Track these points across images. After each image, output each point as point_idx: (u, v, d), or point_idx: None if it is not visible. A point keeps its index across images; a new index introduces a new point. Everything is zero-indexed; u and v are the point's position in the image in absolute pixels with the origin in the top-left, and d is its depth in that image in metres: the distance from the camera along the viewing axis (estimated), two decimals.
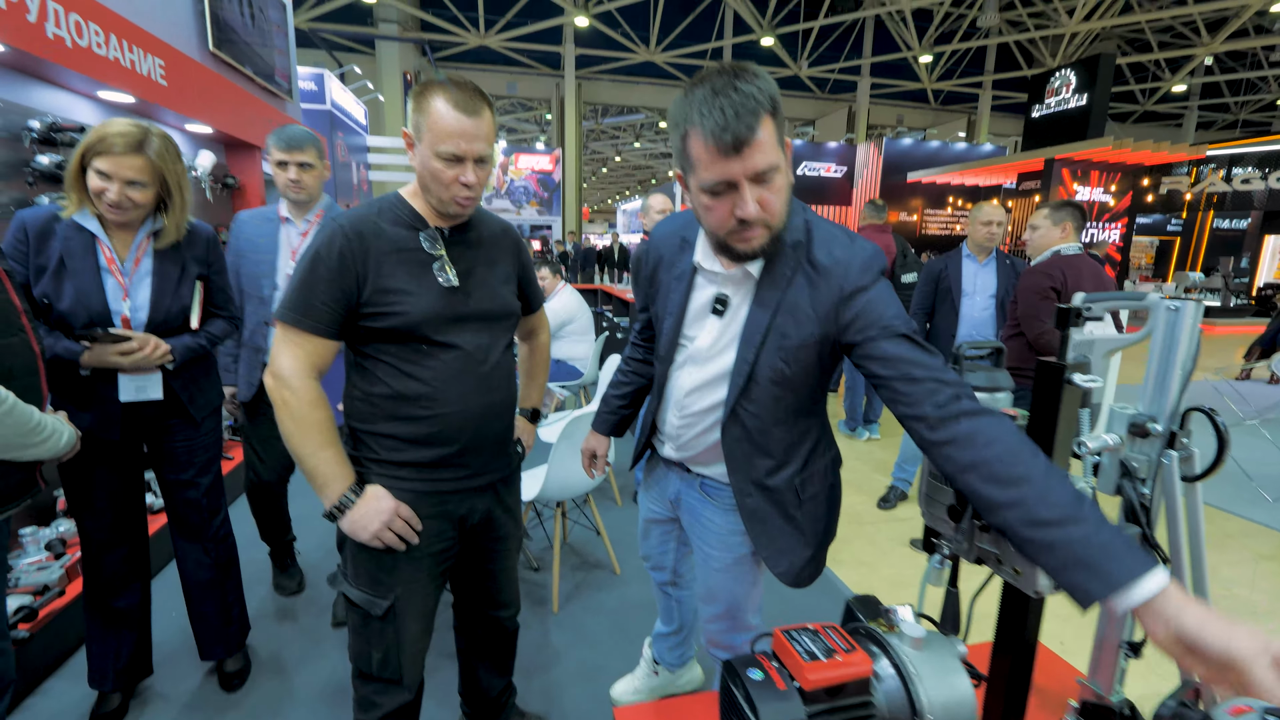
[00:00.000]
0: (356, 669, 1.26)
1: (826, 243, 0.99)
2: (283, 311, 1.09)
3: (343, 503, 1.10)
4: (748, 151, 0.85)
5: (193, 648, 1.82)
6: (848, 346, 0.98)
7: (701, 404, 1.13)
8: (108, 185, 1.38)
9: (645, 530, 1.47)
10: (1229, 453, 1.01)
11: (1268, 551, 2.78)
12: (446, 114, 1.05)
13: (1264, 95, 19.96)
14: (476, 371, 1.19)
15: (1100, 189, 10.67)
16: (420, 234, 1.15)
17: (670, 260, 1.15)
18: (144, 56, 2.77)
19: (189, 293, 1.58)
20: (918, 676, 0.77)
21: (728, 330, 1.07)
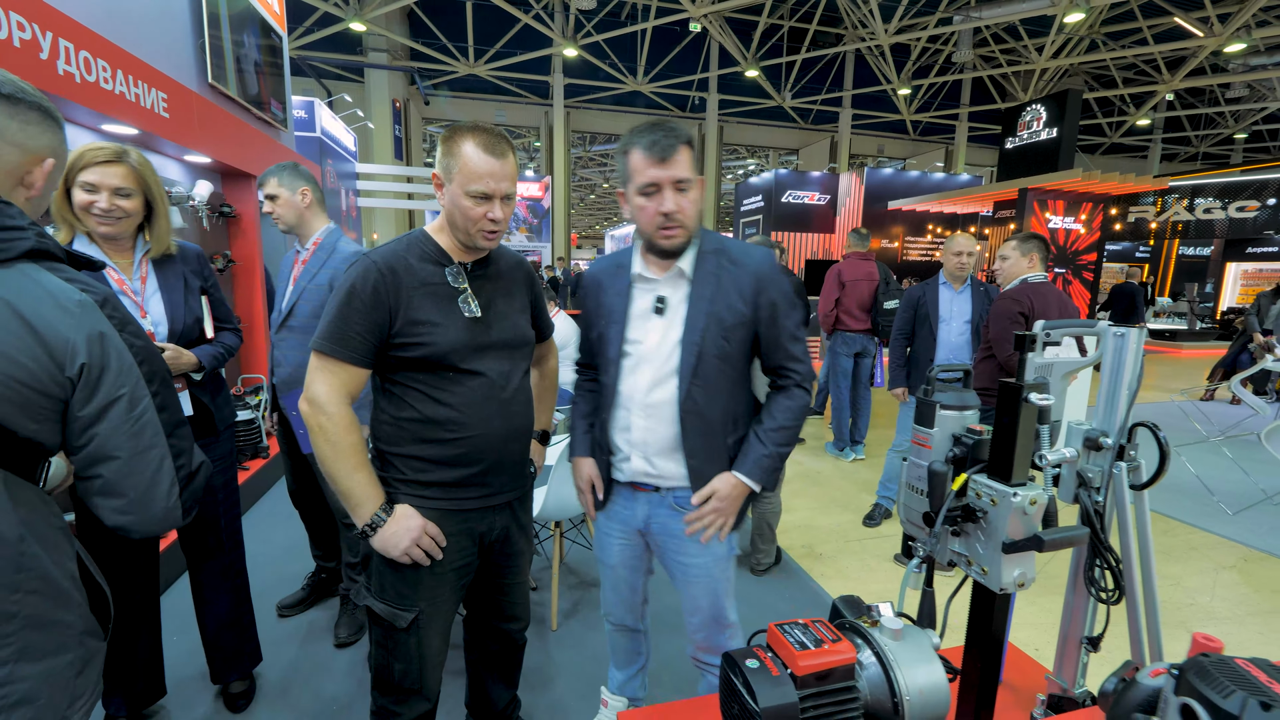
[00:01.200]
0: (377, 680, 1.30)
1: (739, 248, 1.33)
2: (320, 342, 1.16)
3: (375, 521, 1.18)
4: (670, 163, 1.19)
5: (198, 670, 1.84)
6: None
7: (663, 396, 1.29)
8: (96, 196, 1.42)
9: (612, 581, 1.50)
10: (1170, 463, 1.13)
11: (1228, 562, 2.91)
12: (476, 156, 1.15)
13: (1222, 129, 20.93)
14: (499, 397, 1.27)
15: (1071, 218, 11.07)
16: (445, 269, 1.23)
17: (609, 283, 1.37)
18: (148, 90, 2.86)
19: (198, 304, 1.65)
20: (896, 663, 0.86)
21: (671, 326, 1.30)
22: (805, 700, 0.80)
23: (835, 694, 0.82)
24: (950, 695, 0.86)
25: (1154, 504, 3.57)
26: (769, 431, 1.30)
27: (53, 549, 0.77)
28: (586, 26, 15.13)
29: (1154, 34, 15.29)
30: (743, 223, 16.22)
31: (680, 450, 1.30)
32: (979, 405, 1.08)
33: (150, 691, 1.75)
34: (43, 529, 0.76)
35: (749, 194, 15.99)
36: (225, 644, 1.81)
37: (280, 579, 2.54)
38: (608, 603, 1.55)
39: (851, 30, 16.05)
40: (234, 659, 1.83)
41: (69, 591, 0.78)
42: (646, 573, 1.51)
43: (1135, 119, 19.44)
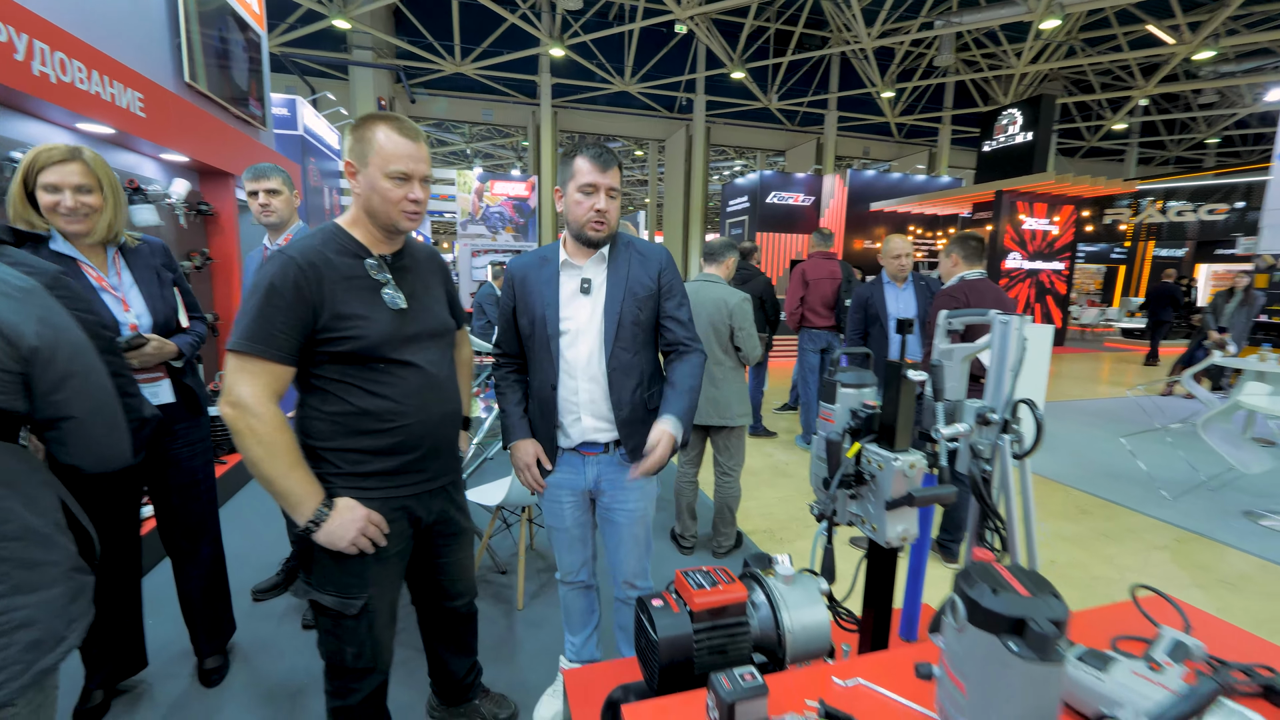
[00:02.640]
0: (330, 666, 1.33)
1: (643, 244, 1.59)
2: (241, 343, 1.12)
3: (317, 517, 1.17)
4: (608, 173, 1.44)
5: (179, 649, 1.95)
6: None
7: (599, 359, 1.50)
8: (60, 195, 1.46)
9: (566, 541, 1.65)
10: (1044, 435, 1.27)
11: (1161, 543, 3.08)
12: (393, 139, 1.19)
13: (1195, 134, 21.40)
14: (431, 384, 1.31)
15: (1045, 220, 11.34)
16: (365, 262, 1.24)
17: (535, 274, 1.55)
18: (123, 90, 2.92)
19: (172, 296, 1.74)
20: (784, 604, 0.98)
21: (597, 302, 1.51)
22: (699, 632, 0.92)
23: (727, 627, 0.94)
24: (830, 631, 0.99)
25: (1102, 491, 3.76)
26: (682, 390, 1.52)
27: (33, 502, 0.87)
28: (574, 26, 15.20)
29: (1128, 41, 15.64)
30: (729, 222, 16.40)
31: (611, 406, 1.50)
32: (874, 383, 1.20)
33: (130, 664, 1.83)
34: (24, 485, 0.87)
35: (735, 194, 16.17)
36: (205, 614, 1.90)
37: (258, 567, 2.62)
38: (565, 564, 1.69)
39: (837, 33, 16.26)
40: (212, 629, 1.92)
41: (52, 536, 0.89)
42: (593, 530, 1.67)
43: (1112, 123, 19.84)
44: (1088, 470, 4.18)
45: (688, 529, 2.87)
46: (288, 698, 1.87)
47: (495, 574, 2.63)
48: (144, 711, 1.80)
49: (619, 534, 1.60)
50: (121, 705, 1.82)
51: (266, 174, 2.12)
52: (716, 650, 0.93)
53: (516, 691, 1.90)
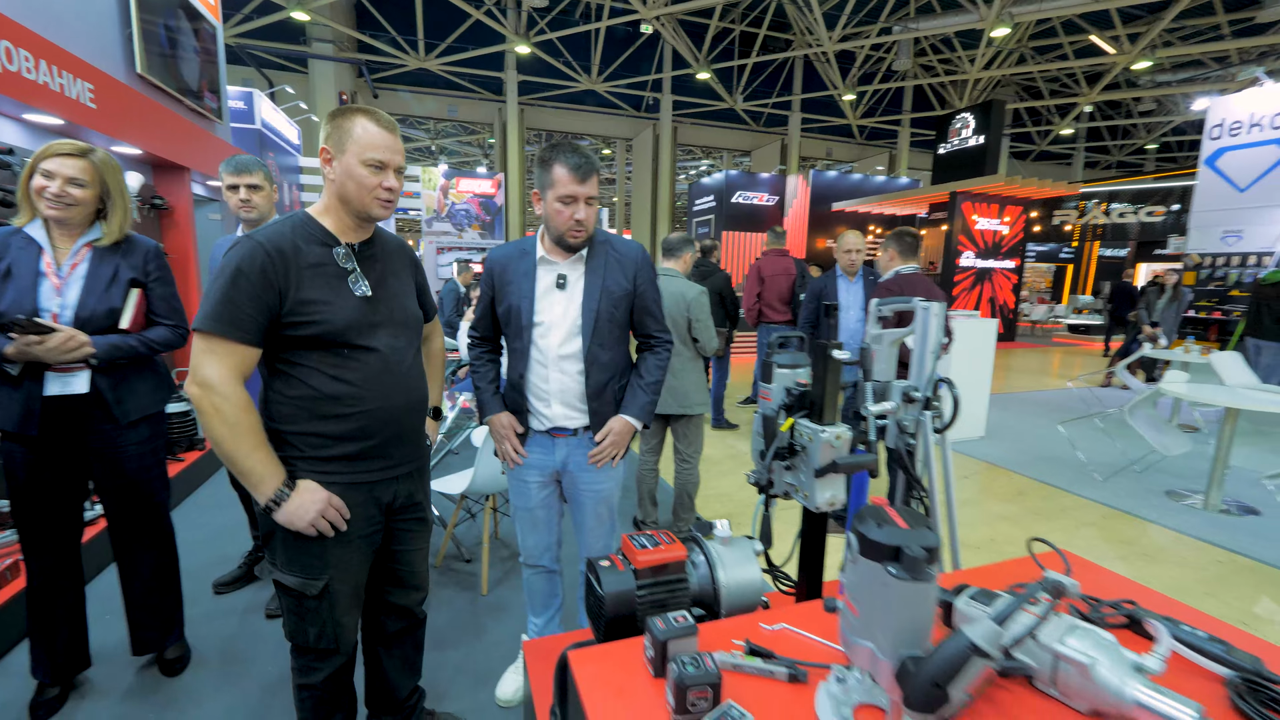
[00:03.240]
0: (294, 645, 1.35)
1: (620, 241, 1.66)
2: (208, 323, 1.14)
3: (278, 497, 1.19)
4: (588, 183, 1.50)
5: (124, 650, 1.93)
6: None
7: (570, 350, 1.57)
8: (49, 182, 1.57)
9: (530, 522, 1.71)
10: (960, 411, 1.39)
11: (1090, 520, 3.31)
12: (371, 129, 1.23)
13: (1136, 140, 22.55)
14: (395, 371, 1.32)
15: (996, 220, 11.82)
16: (333, 250, 1.26)
17: (514, 265, 1.62)
18: (73, 81, 2.86)
19: (118, 296, 1.69)
20: (720, 563, 1.08)
21: (571, 298, 1.59)
22: (642, 587, 1.01)
23: (668, 583, 1.03)
24: (763, 586, 1.09)
25: (1040, 474, 4.00)
26: (647, 384, 1.65)
27: None
28: (540, 24, 15.14)
29: (1074, 50, 16.39)
30: (695, 222, 16.58)
31: (585, 395, 1.59)
32: (807, 364, 1.31)
33: (73, 662, 1.82)
34: None
35: (701, 194, 16.36)
36: (152, 607, 1.89)
37: (217, 560, 2.62)
38: (527, 547, 1.75)
39: (799, 36, 16.60)
40: (164, 622, 1.92)
41: None
42: (560, 515, 1.73)
43: (1060, 128, 20.75)
44: (1028, 456, 4.43)
45: (649, 515, 2.96)
46: (251, 685, 1.89)
47: (460, 562, 2.68)
48: (97, 704, 1.80)
49: (585, 514, 1.68)
50: (76, 699, 1.82)
51: (249, 168, 2.08)
52: (657, 604, 1.01)
53: (481, 673, 1.97)
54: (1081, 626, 0.82)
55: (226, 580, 2.45)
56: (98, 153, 1.65)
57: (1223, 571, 2.81)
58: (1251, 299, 5.69)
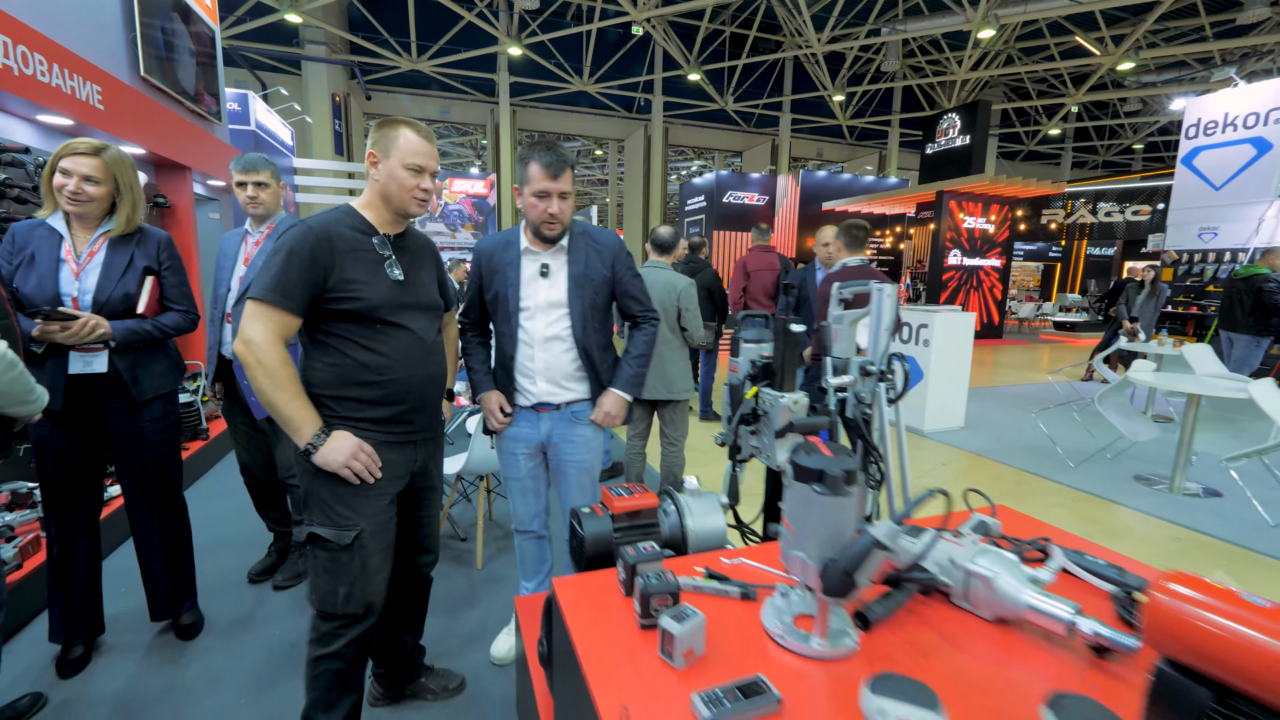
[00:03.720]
0: (322, 610, 1.40)
1: (598, 231, 1.80)
2: (261, 292, 1.29)
3: (315, 441, 1.32)
4: (560, 179, 1.63)
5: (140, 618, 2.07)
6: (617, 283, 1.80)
7: (555, 333, 1.72)
8: (67, 180, 1.71)
9: (520, 491, 1.85)
10: (910, 385, 1.53)
11: (1060, 502, 3.47)
12: (414, 138, 1.41)
13: (1122, 140, 22.86)
14: (421, 347, 1.47)
15: (982, 219, 12.03)
16: (372, 239, 1.42)
17: (500, 254, 1.76)
18: (83, 83, 2.97)
19: (133, 282, 1.82)
20: (689, 511, 1.21)
21: (554, 285, 1.69)
22: (618, 530, 1.14)
23: (641, 526, 1.16)
24: (726, 533, 1.22)
25: (1016, 461, 4.15)
26: (634, 358, 1.80)
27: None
28: (531, 25, 15.26)
29: (1060, 51, 16.62)
30: (687, 221, 16.74)
31: (574, 375, 1.74)
32: (769, 339, 1.45)
33: (91, 627, 1.94)
34: None
35: (692, 194, 16.51)
36: (168, 574, 2.02)
37: (221, 543, 2.74)
38: (518, 514, 1.88)
39: (789, 38, 16.78)
40: (179, 589, 2.05)
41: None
42: (546, 484, 1.87)
43: (1047, 129, 21.03)
44: (1005, 445, 4.59)
45: None
46: (259, 648, 2.02)
47: (456, 541, 2.80)
48: (118, 664, 1.93)
49: (568, 484, 1.80)
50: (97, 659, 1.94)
51: (256, 167, 2.19)
52: (631, 545, 1.15)
53: (476, 637, 2.10)
54: (991, 550, 0.96)
55: (261, 569, 2.50)
56: (110, 150, 1.77)
57: (1182, 548, 2.97)
58: (1225, 293, 5.87)
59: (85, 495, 1.89)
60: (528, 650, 1.38)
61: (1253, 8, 11.75)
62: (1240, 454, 3.25)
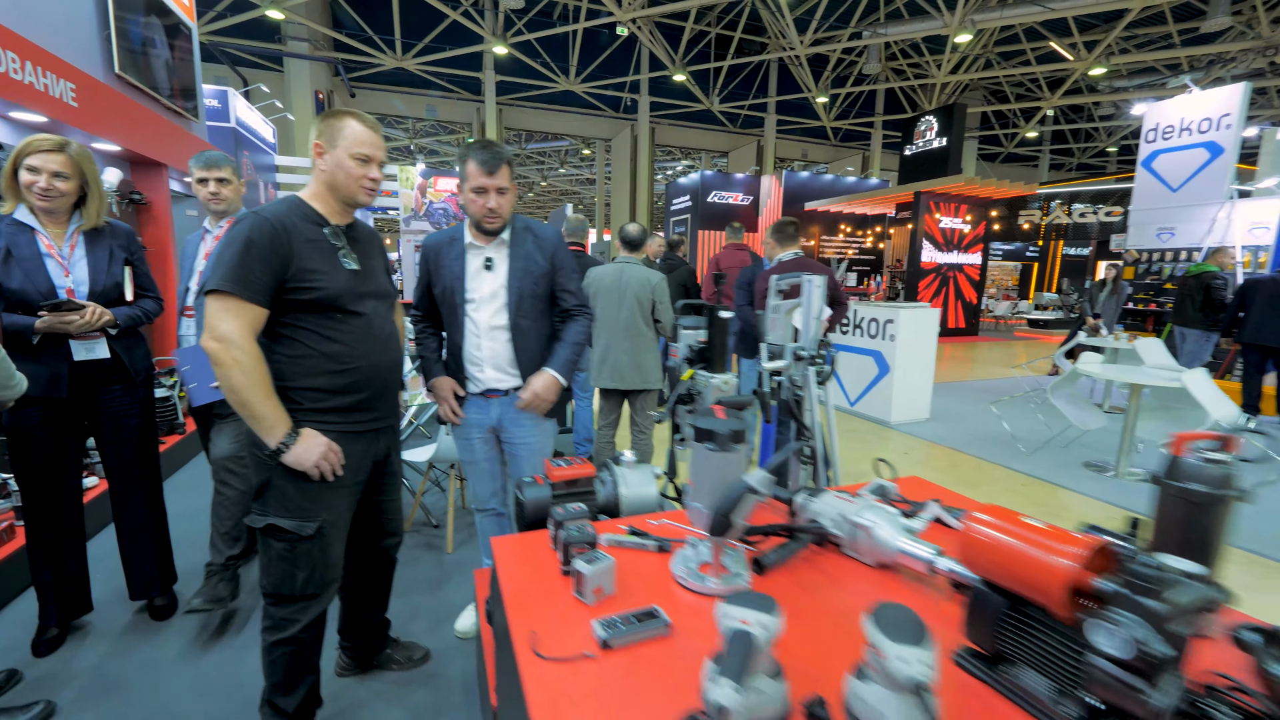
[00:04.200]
0: (277, 596, 1.44)
1: (540, 226, 1.88)
2: (223, 284, 1.28)
3: (287, 441, 1.34)
4: (495, 175, 1.70)
5: (125, 596, 2.14)
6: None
7: (499, 323, 1.79)
8: (37, 177, 1.76)
9: (477, 473, 1.95)
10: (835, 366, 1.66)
11: (1010, 487, 3.64)
12: (359, 128, 1.44)
13: (1097, 143, 23.36)
14: (379, 335, 1.52)
15: (958, 218, 12.29)
16: (324, 229, 1.45)
17: (445, 250, 1.84)
18: (56, 81, 3.02)
19: (120, 271, 1.94)
20: (623, 481, 1.33)
21: (497, 277, 1.77)
22: (556, 496, 1.25)
23: (578, 493, 1.28)
24: (658, 501, 1.34)
25: (973, 450, 4.32)
26: (568, 343, 1.86)
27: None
28: (517, 24, 15.29)
29: (1036, 56, 16.97)
30: (673, 220, 16.88)
31: (515, 362, 1.81)
32: (704, 325, 1.57)
33: (78, 605, 2.03)
34: None
35: (678, 194, 16.66)
36: (147, 553, 2.10)
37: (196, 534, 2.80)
38: (477, 494, 1.98)
39: (774, 39, 16.97)
40: (154, 573, 2.13)
41: None
42: (502, 464, 1.96)
43: (1024, 131, 21.42)
44: (966, 435, 4.77)
45: None
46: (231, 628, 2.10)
47: (428, 527, 2.90)
48: (94, 643, 2.01)
49: (521, 466, 1.89)
50: (75, 639, 2.01)
51: (217, 163, 2.19)
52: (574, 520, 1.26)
53: (444, 615, 2.20)
54: (876, 506, 1.08)
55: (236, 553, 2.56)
56: (74, 145, 1.82)
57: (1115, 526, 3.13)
58: (1177, 290, 6.11)
59: (73, 479, 1.97)
60: (478, 602, 1.49)
61: (1215, 16, 12.11)
62: None
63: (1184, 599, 0.61)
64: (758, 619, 0.66)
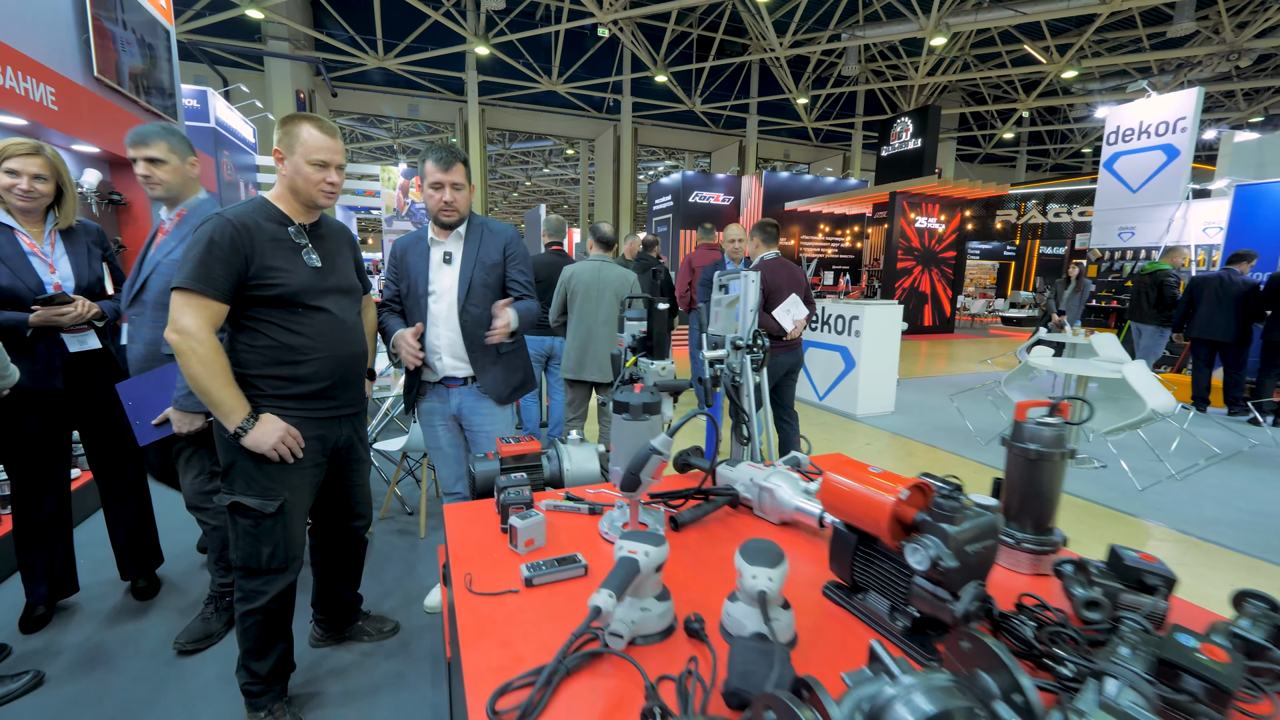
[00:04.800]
0: (245, 569, 1.53)
1: (495, 223, 2.00)
2: (187, 281, 1.37)
3: (245, 425, 1.43)
4: (450, 171, 1.83)
5: (112, 577, 2.26)
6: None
7: (454, 312, 1.90)
8: (18, 179, 1.84)
9: (442, 458, 2.06)
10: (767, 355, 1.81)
11: (963, 474, 3.81)
12: (316, 134, 1.51)
13: (1072, 144, 23.88)
14: (341, 328, 1.60)
15: (933, 218, 12.58)
16: (288, 228, 1.53)
17: (411, 248, 1.99)
18: (36, 85, 3.10)
19: (99, 266, 2.06)
20: (568, 456, 1.47)
21: (455, 270, 1.88)
22: (504, 470, 1.39)
23: (525, 467, 1.41)
24: (599, 476, 1.48)
25: (933, 440, 4.51)
26: (521, 305, 1.94)
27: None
28: (499, 25, 15.35)
29: (1011, 59, 17.35)
30: (655, 220, 17.04)
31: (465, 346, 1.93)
32: (646, 317, 1.71)
33: (65, 586, 2.13)
34: None
35: (660, 194, 16.81)
36: (134, 534, 2.21)
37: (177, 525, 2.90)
38: (443, 478, 2.11)
39: (755, 41, 17.19)
40: (145, 549, 2.25)
41: None
42: (466, 450, 2.08)
43: (1001, 132, 21.86)
44: (928, 427, 4.97)
45: None
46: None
47: (403, 514, 3.02)
48: (81, 621, 2.11)
49: (481, 450, 2.01)
50: (62, 618, 2.12)
51: (146, 139, 1.82)
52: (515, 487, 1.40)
53: (415, 594, 2.32)
54: (782, 473, 1.24)
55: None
56: (47, 148, 1.91)
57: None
58: (1133, 288, 6.37)
59: (62, 466, 2.07)
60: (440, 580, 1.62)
61: (1180, 21, 12.50)
62: (1114, 428, 3.65)
63: (969, 524, 0.76)
64: (644, 549, 0.81)
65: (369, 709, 1.73)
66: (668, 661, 0.79)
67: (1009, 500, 1.09)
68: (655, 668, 0.76)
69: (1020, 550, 1.06)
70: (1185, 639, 0.69)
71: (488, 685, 0.73)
